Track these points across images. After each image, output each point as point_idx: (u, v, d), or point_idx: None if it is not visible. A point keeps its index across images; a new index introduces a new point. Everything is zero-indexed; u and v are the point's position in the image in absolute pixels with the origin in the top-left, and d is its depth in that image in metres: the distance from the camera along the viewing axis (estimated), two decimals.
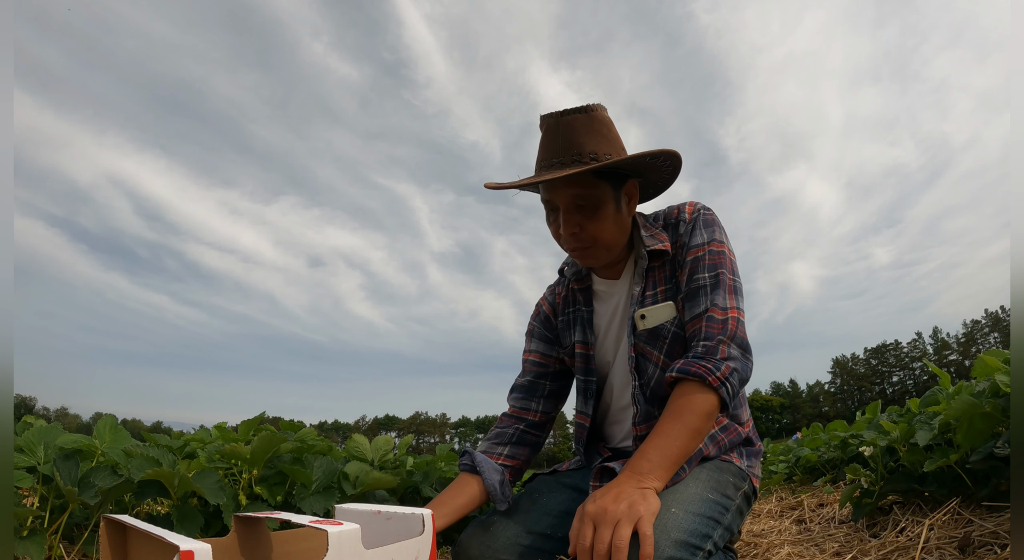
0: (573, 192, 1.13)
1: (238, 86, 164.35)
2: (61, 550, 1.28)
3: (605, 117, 1.17)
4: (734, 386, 1.09)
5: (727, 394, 1.08)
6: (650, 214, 1.31)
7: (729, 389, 1.08)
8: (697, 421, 1.06)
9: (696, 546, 0.96)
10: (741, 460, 1.22)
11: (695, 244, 1.18)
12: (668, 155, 1.17)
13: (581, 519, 0.95)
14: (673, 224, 1.24)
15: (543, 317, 1.40)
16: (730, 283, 1.15)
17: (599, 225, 1.15)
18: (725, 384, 1.07)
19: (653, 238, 1.22)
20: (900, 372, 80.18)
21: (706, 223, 1.20)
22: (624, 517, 0.91)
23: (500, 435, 1.34)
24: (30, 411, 38.47)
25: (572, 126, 1.12)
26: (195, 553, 0.61)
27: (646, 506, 0.93)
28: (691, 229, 1.20)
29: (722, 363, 1.09)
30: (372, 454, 2.05)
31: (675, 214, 1.25)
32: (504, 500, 1.24)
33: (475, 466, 1.25)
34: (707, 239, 1.18)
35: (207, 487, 1.34)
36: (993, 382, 1.40)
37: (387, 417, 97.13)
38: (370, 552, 0.77)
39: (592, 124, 1.13)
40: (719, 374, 1.07)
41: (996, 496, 1.39)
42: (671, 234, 1.23)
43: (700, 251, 1.17)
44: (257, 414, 1.99)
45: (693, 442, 1.06)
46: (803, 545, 1.59)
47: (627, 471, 1.01)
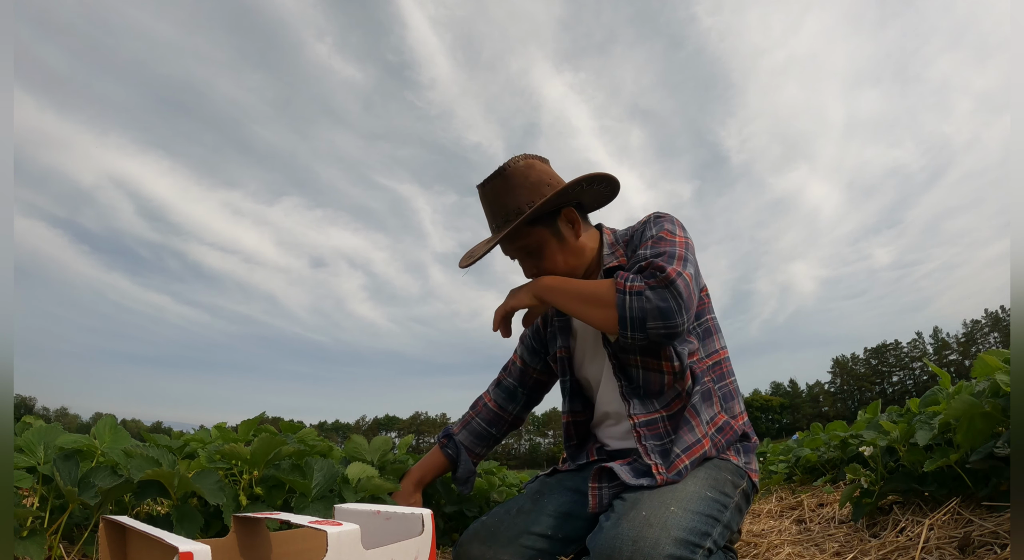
0: (515, 246, 1.30)
1: (241, 87, 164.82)
2: (61, 550, 1.28)
3: (520, 168, 1.26)
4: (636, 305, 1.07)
5: (620, 304, 1.08)
6: (621, 230, 1.38)
7: (625, 302, 1.07)
8: (593, 289, 1.15)
9: (696, 544, 0.98)
10: (739, 457, 1.23)
11: (649, 235, 1.24)
12: (598, 179, 1.27)
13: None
14: (637, 234, 1.30)
15: (535, 327, 1.53)
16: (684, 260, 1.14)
17: (548, 263, 1.29)
18: (627, 295, 1.08)
19: (612, 256, 1.31)
20: (900, 372, 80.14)
21: (655, 220, 1.27)
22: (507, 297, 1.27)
23: (481, 437, 1.55)
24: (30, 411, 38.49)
25: (494, 191, 1.27)
26: (194, 554, 0.61)
27: (517, 292, 1.28)
28: (641, 231, 1.28)
29: (640, 282, 1.08)
30: (371, 455, 2.05)
31: (639, 226, 1.32)
32: (467, 490, 1.51)
33: (457, 461, 1.52)
34: (655, 232, 1.23)
35: (207, 487, 1.33)
36: (993, 382, 1.40)
37: (387, 417, 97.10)
38: (370, 552, 0.77)
39: (508, 183, 1.25)
40: (630, 284, 1.08)
41: (996, 496, 1.39)
42: (634, 244, 1.29)
43: (652, 240, 1.21)
44: (257, 414, 1.99)
45: (576, 295, 1.18)
46: (803, 545, 1.59)
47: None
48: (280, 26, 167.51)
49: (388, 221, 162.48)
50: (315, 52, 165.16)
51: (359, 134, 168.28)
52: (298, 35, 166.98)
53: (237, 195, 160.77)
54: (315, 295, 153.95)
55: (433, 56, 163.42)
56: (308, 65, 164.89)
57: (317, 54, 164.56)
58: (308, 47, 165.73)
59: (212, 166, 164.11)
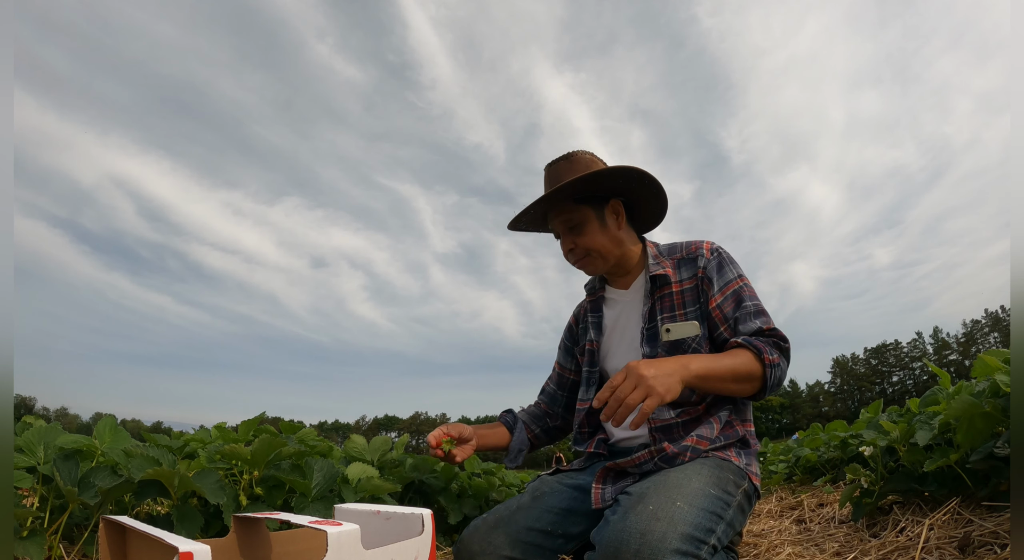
0: (561, 218, 1.39)
1: (242, 87, 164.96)
2: (61, 550, 1.28)
3: (586, 158, 1.41)
4: (776, 377, 1.24)
5: (768, 376, 1.22)
6: (665, 245, 1.49)
7: (771, 374, 1.22)
8: (742, 367, 1.21)
9: (701, 540, 1.00)
10: (739, 459, 1.26)
11: (731, 278, 1.36)
12: (652, 183, 1.39)
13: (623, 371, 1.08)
14: (691, 258, 1.40)
15: (568, 328, 1.63)
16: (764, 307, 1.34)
17: (587, 239, 1.39)
18: (772, 368, 1.22)
19: (658, 265, 1.41)
20: (900, 372, 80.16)
21: (730, 260, 1.39)
22: (644, 382, 1.04)
23: (537, 417, 1.60)
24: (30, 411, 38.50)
25: (558, 171, 1.40)
26: (194, 554, 0.61)
27: (666, 381, 1.06)
28: (718, 265, 1.37)
29: (775, 354, 1.25)
30: (371, 455, 2.05)
31: (693, 250, 1.41)
32: (514, 464, 1.49)
33: (513, 428, 1.54)
34: (738, 274, 1.37)
35: (207, 487, 1.33)
36: (993, 382, 1.40)
37: (387, 417, 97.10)
38: (370, 552, 0.77)
39: (572, 167, 1.39)
40: (771, 357, 1.23)
41: (996, 496, 1.39)
42: (689, 267, 1.39)
43: (737, 284, 1.35)
44: (257, 414, 1.99)
45: (731, 377, 1.20)
46: (803, 545, 1.59)
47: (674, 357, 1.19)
48: (281, 26, 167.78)
49: (389, 221, 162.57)
50: (316, 52, 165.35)
51: (360, 134, 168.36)
52: (299, 35, 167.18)
53: (238, 195, 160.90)
54: (316, 295, 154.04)
55: (434, 56, 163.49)
56: (309, 65, 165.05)
57: (318, 54, 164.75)
58: (309, 47, 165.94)
59: (213, 166, 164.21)
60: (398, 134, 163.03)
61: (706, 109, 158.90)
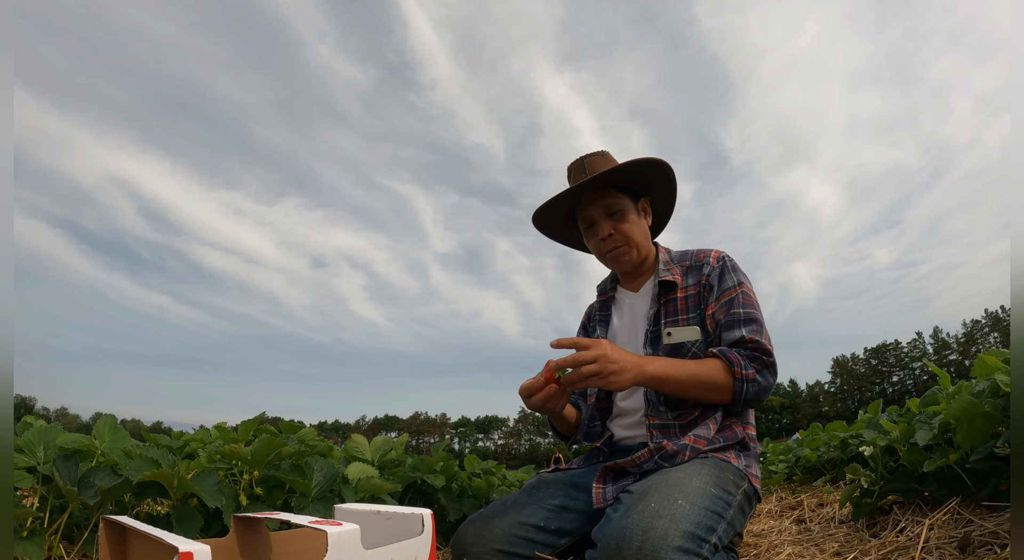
0: (603, 203, 1.41)
1: (242, 87, 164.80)
2: (61, 550, 1.28)
3: (613, 156, 1.48)
4: (750, 391, 1.24)
5: (739, 391, 1.24)
6: (677, 252, 1.52)
7: (743, 388, 1.23)
8: (706, 375, 1.22)
9: (702, 539, 1.01)
10: (738, 460, 1.27)
11: (729, 286, 1.37)
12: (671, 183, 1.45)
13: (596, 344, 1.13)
14: (697, 266, 1.43)
15: (581, 326, 1.68)
16: (764, 325, 1.34)
17: (628, 226, 1.42)
18: (744, 382, 1.23)
19: (667, 271, 1.45)
20: (900, 372, 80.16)
21: (733, 268, 1.41)
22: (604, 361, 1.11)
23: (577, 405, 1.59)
24: (30, 411, 38.48)
25: (591, 162, 1.44)
26: (194, 554, 0.61)
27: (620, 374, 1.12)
28: (720, 272, 1.39)
29: (751, 369, 1.25)
30: (371, 455, 2.05)
31: (700, 257, 1.45)
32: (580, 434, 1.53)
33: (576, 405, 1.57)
34: (738, 281, 1.38)
35: (206, 489, 1.33)
36: (993, 382, 1.40)
37: (387, 417, 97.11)
38: (370, 552, 0.77)
39: (605, 160, 1.45)
40: (745, 372, 1.23)
41: (996, 496, 1.39)
42: (695, 274, 1.42)
43: (734, 292, 1.36)
44: (257, 414, 1.99)
45: (693, 384, 1.22)
46: (803, 545, 1.59)
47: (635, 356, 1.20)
48: (281, 26, 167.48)
49: (389, 221, 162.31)
50: (316, 52, 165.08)
51: (360, 134, 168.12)
52: (299, 35, 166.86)
53: (238, 195, 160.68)
54: (316, 295, 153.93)
55: (434, 57, 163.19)
56: (309, 65, 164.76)
57: (318, 54, 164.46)
58: (309, 47, 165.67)
59: (213, 166, 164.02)
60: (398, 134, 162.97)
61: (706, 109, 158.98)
